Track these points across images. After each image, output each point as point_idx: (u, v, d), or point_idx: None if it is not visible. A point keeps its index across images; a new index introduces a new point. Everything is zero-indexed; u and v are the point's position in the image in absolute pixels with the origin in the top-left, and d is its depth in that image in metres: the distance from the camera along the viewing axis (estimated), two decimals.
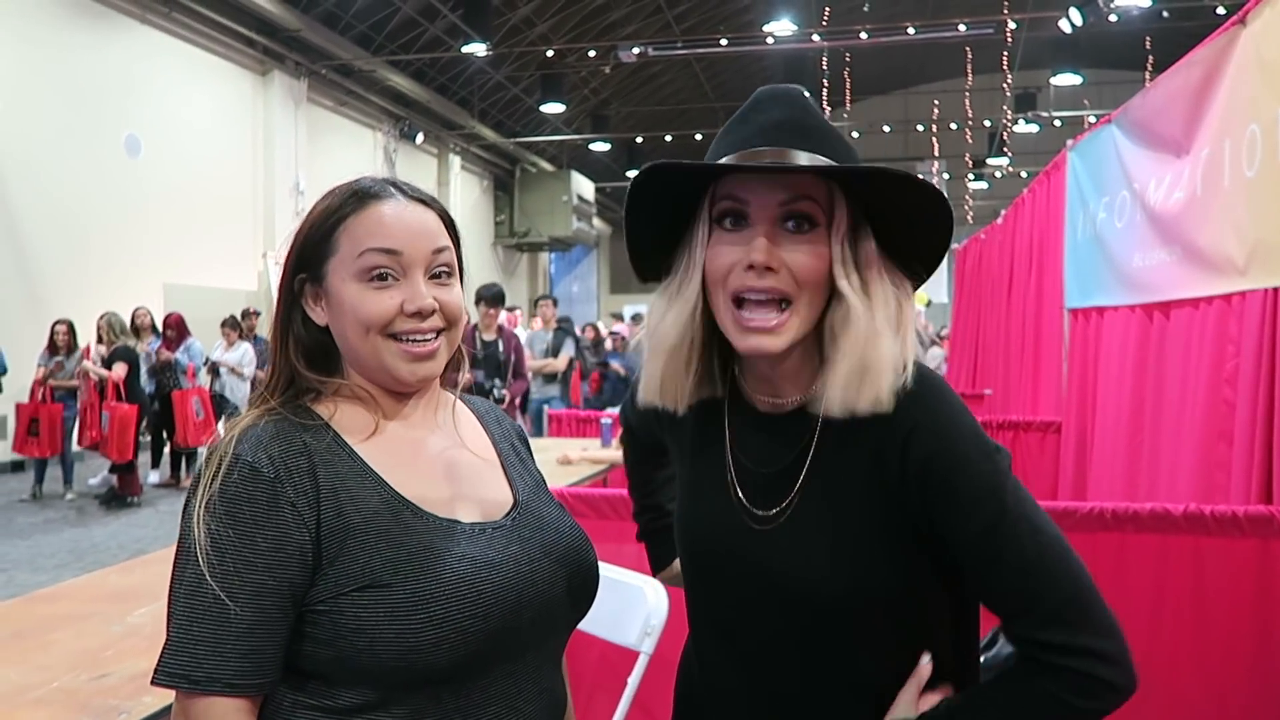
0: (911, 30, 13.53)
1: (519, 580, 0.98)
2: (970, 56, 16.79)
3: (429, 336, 1.00)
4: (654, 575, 1.43)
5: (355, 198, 1.01)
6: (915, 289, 1.01)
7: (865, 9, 13.80)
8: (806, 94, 1.00)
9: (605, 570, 2.05)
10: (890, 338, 0.93)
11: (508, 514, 1.05)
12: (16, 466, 8.90)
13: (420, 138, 16.39)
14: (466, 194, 18.82)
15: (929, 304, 15.51)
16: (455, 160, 18.16)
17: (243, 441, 0.94)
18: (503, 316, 6.08)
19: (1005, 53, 14.82)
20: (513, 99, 18.51)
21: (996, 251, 7.13)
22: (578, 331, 7.99)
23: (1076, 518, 2.20)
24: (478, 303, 5.83)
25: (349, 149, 14.66)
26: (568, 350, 7.64)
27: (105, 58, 9.85)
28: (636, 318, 13.58)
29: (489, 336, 5.88)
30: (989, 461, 0.92)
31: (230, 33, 11.80)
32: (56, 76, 9.24)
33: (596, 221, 22.82)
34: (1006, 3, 13.03)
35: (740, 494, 1.02)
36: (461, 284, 1.07)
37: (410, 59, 14.86)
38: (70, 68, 9.39)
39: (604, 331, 11.43)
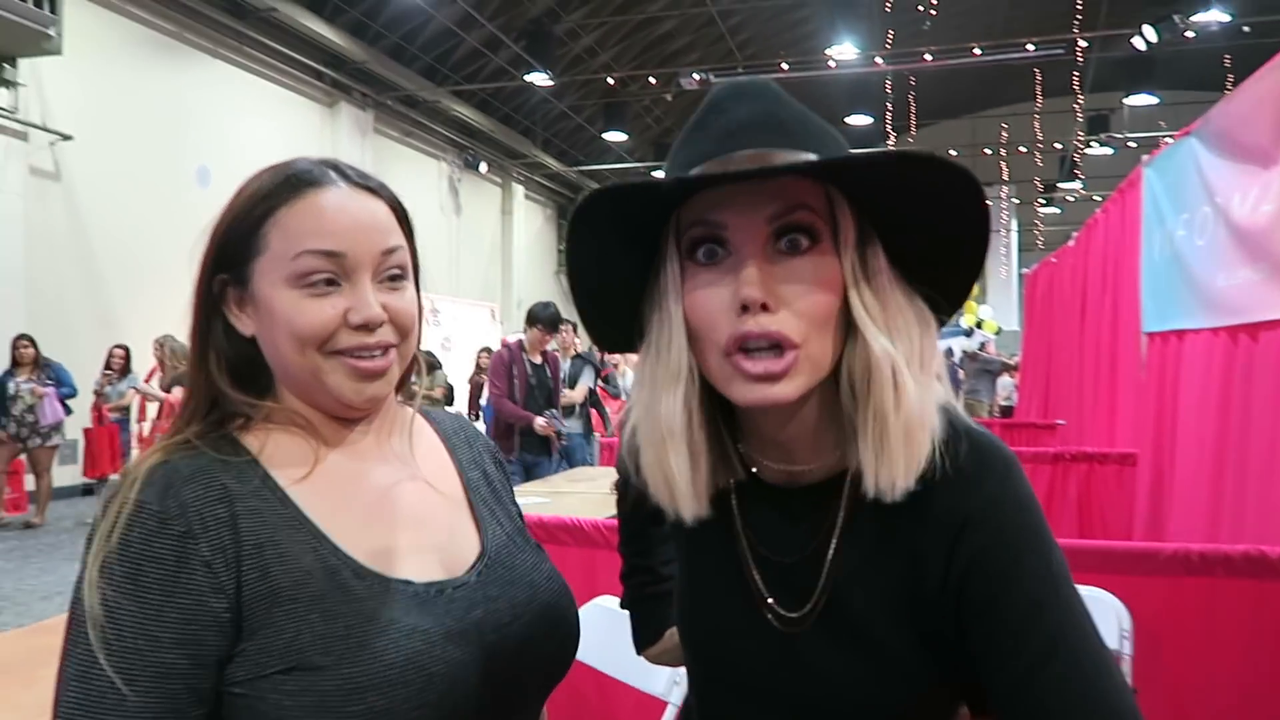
0: (978, 52, 13.26)
1: (481, 654, 0.81)
2: (1040, 78, 16.39)
3: (376, 353, 0.84)
4: (639, 652, 1.15)
5: (288, 185, 0.84)
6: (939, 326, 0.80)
7: (926, 26, 13.52)
8: (775, 85, 0.79)
9: None
10: (926, 383, 0.74)
11: (472, 567, 0.88)
12: (87, 490, 9.09)
13: (484, 167, 16.57)
14: (530, 222, 18.97)
15: (999, 331, 15.09)
16: (519, 189, 18.33)
17: (149, 484, 0.77)
18: (552, 342, 5.94)
19: (1076, 73, 14.44)
20: (575, 128, 18.65)
21: (1069, 275, 6.87)
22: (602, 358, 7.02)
23: (1159, 560, 1.99)
24: (531, 324, 5.59)
25: (414, 179, 14.87)
26: (586, 380, 6.83)
27: (179, 91, 10.15)
28: None
29: (536, 360, 5.67)
30: (1046, 569, 0.74)
31: (299, 65, 12.10)
32: (132, 109, 9.54)
33: None
34: (1077, 22, 12.69)
35: (762, 588, 0.83)
36: (417, 286, 0.90)
37: (474, 89, 15.07)
38: (145, 101, 9.69)
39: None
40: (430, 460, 0.96)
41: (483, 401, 7.73)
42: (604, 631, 2.04)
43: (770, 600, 0.82)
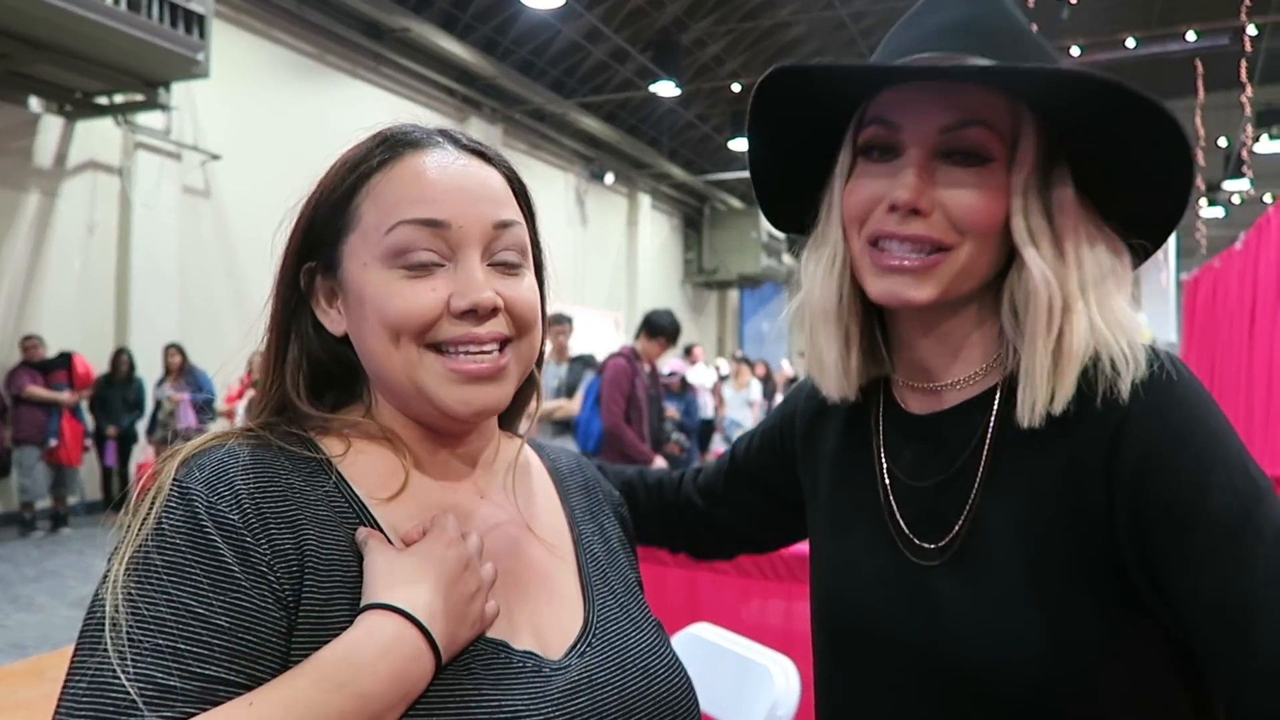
0: (1131, 43, 12.42)
1: None
2: (1201, 69, 15.25)
3: (488, 350, 0.69)
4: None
5: (385, 147, 0.71)
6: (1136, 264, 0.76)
7: (1064, 16, 12.74)
8: None
9: (727, 641, 1.78)
10: (1091, 312, 0.69)
11: (574, 647, 0.72)
12: None
13: (610, 178, 16.67)
14: (656, 233, 18.98)
15: (1154, 342, 14.08)
16: (645, 199, 18.35)
17: (198, 467, 0.64)
18: (673, 361, 5.55)
19: (1244, 62, 13.35)
20: (702, 137, 18.55)
21: (1235, 282, 6.29)
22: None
23: None
24: (653, 335, 5.07)
25: (542, 190, 14.81)
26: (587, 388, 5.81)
27: (320, 110, 10.58)
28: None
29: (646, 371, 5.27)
30: (1243, 477, 0.64)
31: (431, 83, 12.44)
32: (277, 129, 9.99)
33: (786, 258, 22.43)
34: (1246, 5, 11.71)
35: (901, 522, 0.78)
36: (541, 282, 0.75)
37: (601, 100, 15.17)
38: (289, 121, 10.13)
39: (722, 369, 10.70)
40: (536, 504, 0.80)
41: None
42: (699, 663, 1.89)
43: (906, 531, 0.77)
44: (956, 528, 0.73)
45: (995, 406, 0.74)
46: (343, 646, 0.60)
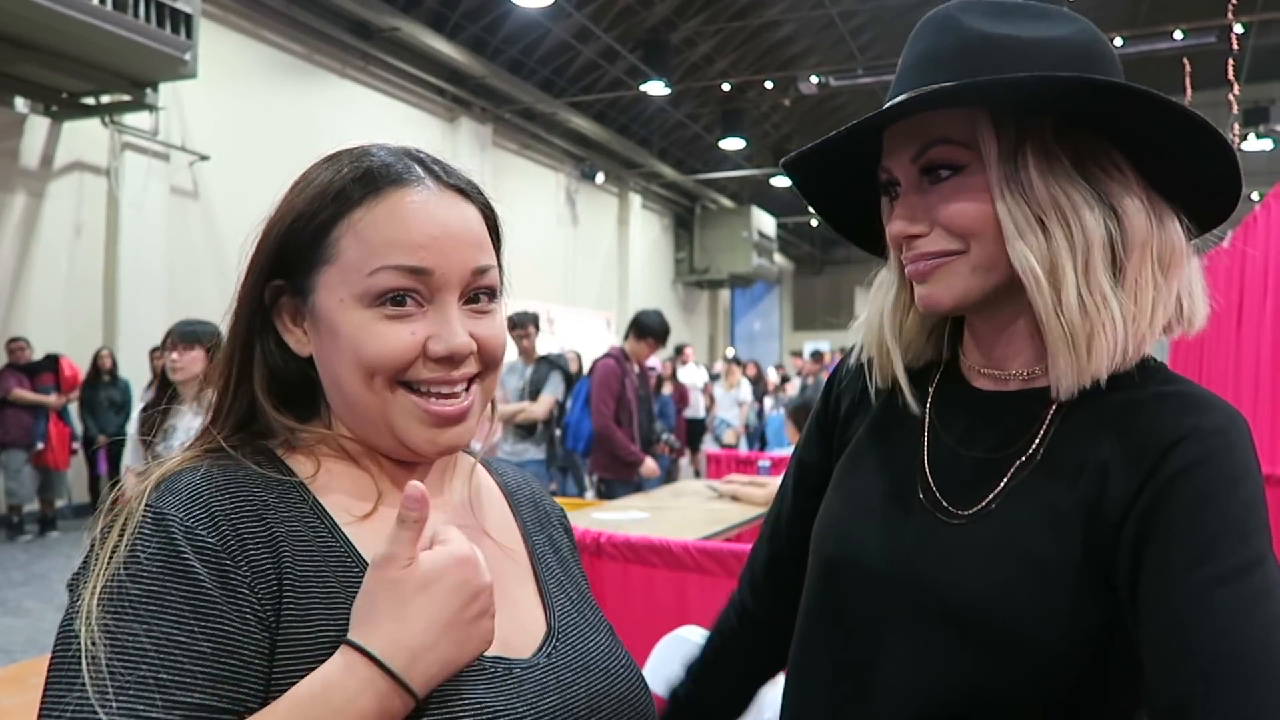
0: (1119, 42, 12.46)
1: None
2: (1189, 69, 15.31)
3: (459, 389, 0.71)
4: (676, 683, 1.05)
5: (366, 181, 0.71)
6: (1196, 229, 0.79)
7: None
8: (955, 8, 0.79)
9: None
10: (1079, 285, 0.72)
11: (540, 648, 0.74)
12: None
13: (601, 178, 16.65)
14: (647, 232, 18.97)
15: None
16: (636, 199, 18.35)
17: (171, 492, 0.63)
18: (655, 361, 5.56)
19: (1231, 60, 13.41)
20: (693, 136, 18.55)
21: (1223, 278, 6.30)
22: (641, 368, 5.17)
23: None
24: (641, 336, 4.99)
25: (532, 190, 15.05)
26: (553, 391, 5.46)
27: (309, 110, 10.54)
28: (816, 355, 13.12)
29: (636, 372, 5.21)
30: (1256, 506, 0.67)
31: (421, 82, 12.41)
32: (265, 129, 9.95)
33: (778, 257, 22.47)
34: (1232, 4, 11.76)
35: (930, 480, 0.80)
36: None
37: (591, 100, 15.16)
38: (278, 121, 10.09)
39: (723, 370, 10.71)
40: (492, 518, 0.81)
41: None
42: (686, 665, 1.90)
43: (936, 492, 0.80)
44: (988, 499, 0.76)
45: (1055, 396, 0.76)
46: (320, 684, 0.60)
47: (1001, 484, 0.76)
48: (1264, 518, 0.67)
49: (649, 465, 5.03)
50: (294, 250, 0.72)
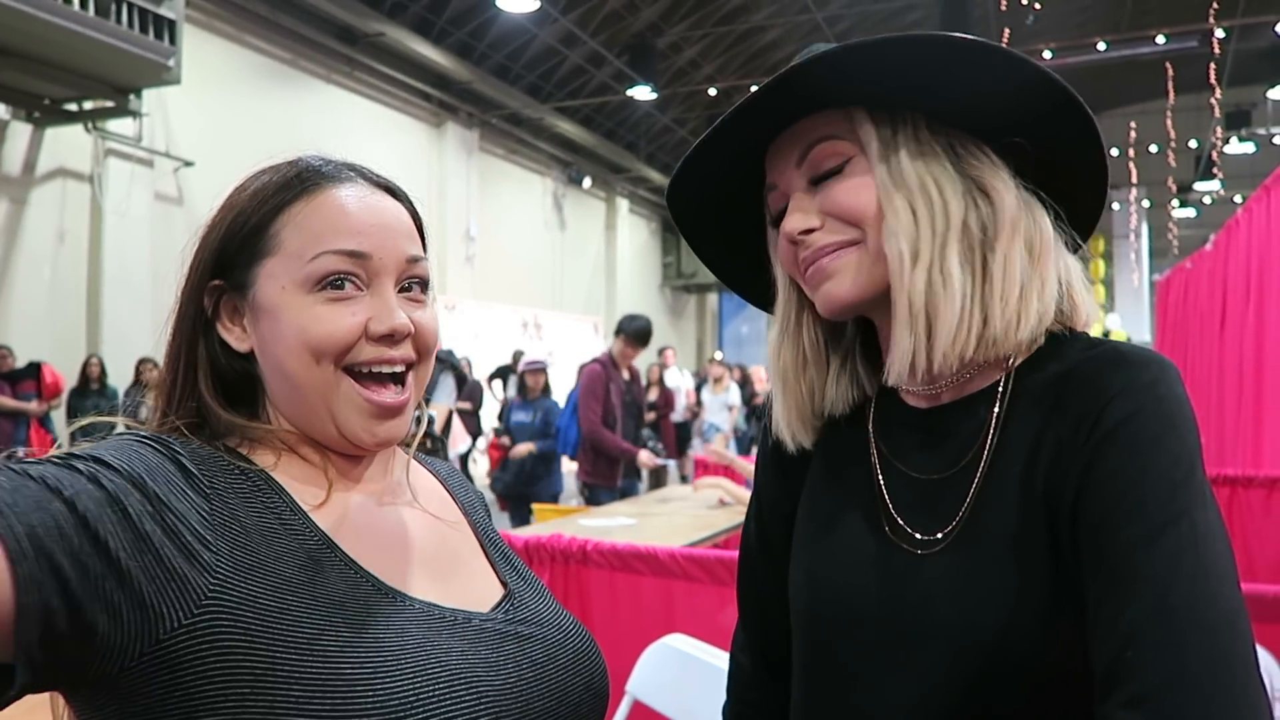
0: (1102, 46, 12.55)
1: (520, 691, 0.71)
2: (1172, 72, 15.44)
3: (399, 369, 0.75)
4: None
5: (301, 179, 0.76)
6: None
7: (1029, 22, 12.86)
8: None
9: (701, 652, 1.77)
10: (934, 255, 0.73)
11: (498, 606, 0.79)
12: None
13: (588, 182, 16.66)
14: (634, 236, 18.98)
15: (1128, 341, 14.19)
16: (623, 203, 18.36)
17: (139, 432, 0.70)
18: (640, 362, 5.56)
19: (1213, 64, 13.54)
20: (680, 141, 18.58)
21: (1206, 282, 6.36)
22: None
23: None
24: (617, 335, 5.00)
25: (519, 195, 15.04)
26: (444, 398, 5.08)
27: (294, 116, 10.51)
28: None
29: (625, 376, 5.19)
30: (1185, 457, 0.66)
31: (407, 88, 12.39)
32: (250, 135, 9.91)
33: None
34: (1213, 9, 11.87)
35: (893, 512, 0.79)
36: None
37: (578, 105, 15.17)
38: (263, 127, 10.06)
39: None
40: (435, 499, 0.86)
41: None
42: (673, 673, 1.88)
43: (900, 522, 0.78)
44: (956, 519, 0.75)
45: (1000, 399, 0.76)
46: None
47: (965, 502, 0.75)
48: (1195, 465, 0.66)
49: (645, 456, 4.99)
50: (235, 247, 0.75)
